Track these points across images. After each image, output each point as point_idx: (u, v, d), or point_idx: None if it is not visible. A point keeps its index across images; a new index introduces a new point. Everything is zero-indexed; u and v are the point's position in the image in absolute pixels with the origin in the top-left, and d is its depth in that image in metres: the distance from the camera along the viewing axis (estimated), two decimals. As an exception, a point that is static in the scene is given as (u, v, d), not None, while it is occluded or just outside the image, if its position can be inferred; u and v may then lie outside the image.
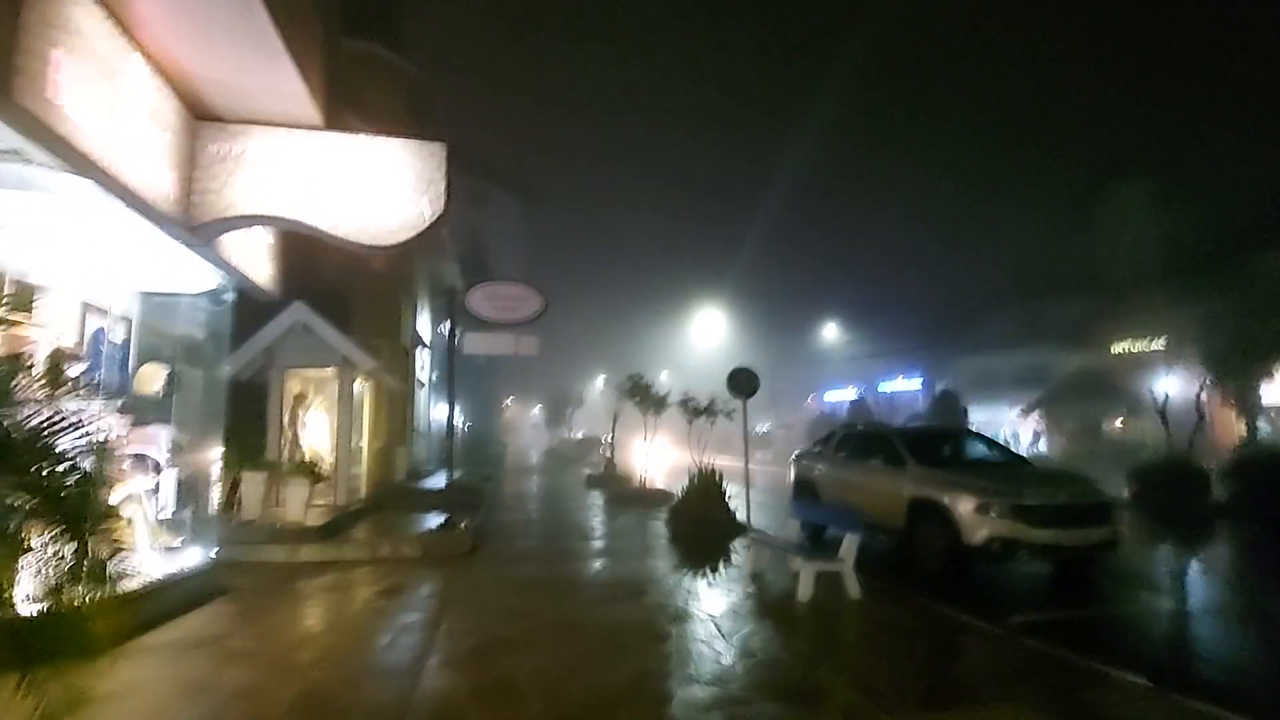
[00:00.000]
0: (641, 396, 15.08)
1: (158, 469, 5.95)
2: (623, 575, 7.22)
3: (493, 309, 8.95)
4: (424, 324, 18.89)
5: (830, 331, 41.30)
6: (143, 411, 6.25)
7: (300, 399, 10.44)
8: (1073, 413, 28.31)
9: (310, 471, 8.23)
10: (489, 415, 35.08)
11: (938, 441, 8.54)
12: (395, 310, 13.70)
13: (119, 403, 6.13)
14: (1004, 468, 7.85)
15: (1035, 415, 29.44)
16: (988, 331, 34.87)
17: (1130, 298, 29.63)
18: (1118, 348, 29.55)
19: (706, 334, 37.56)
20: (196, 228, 5.13)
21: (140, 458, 5.84)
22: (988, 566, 7.19)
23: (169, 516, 6.62)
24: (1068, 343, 31.33)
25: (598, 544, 9.28)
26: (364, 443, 11.56)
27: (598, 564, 7.92)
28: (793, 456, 10.69)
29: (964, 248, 37.82)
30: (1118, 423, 28.34)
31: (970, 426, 23.33)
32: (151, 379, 6.02)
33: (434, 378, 20.33)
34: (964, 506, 6.68)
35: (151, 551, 5.66)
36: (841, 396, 39.56)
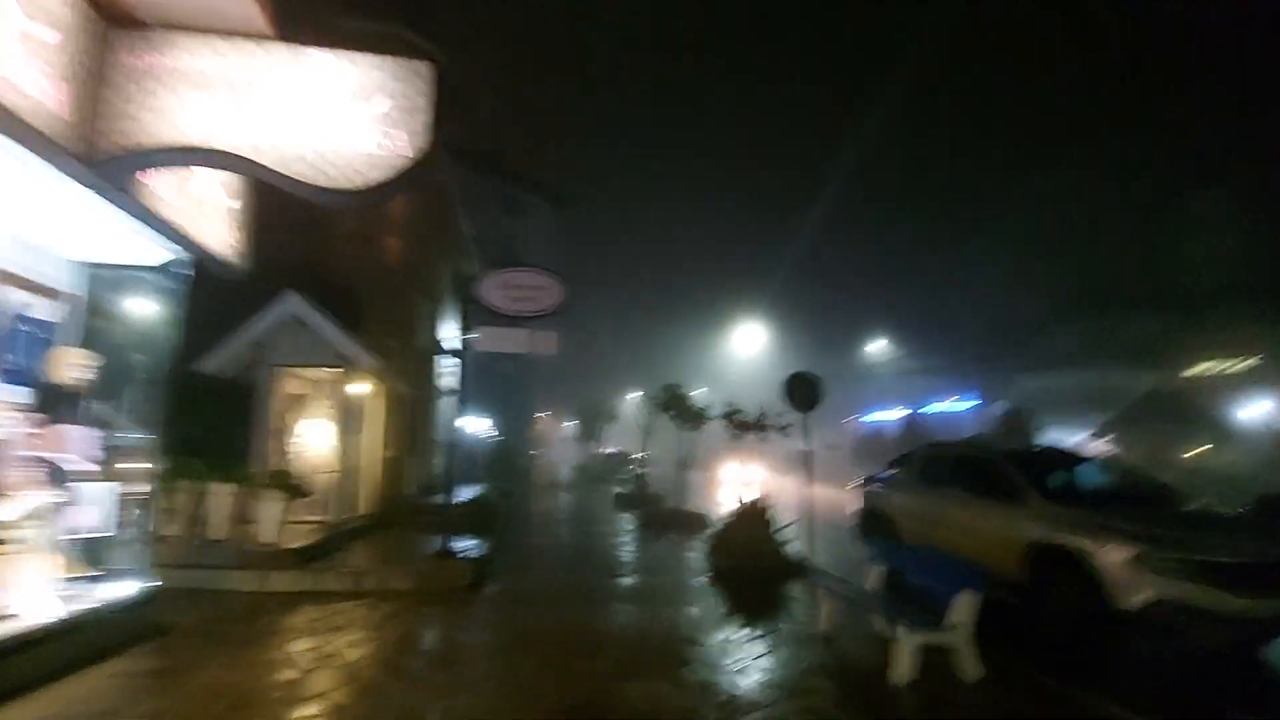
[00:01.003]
0: (678, 409, 13.51)
1: (67, 478, 4.65)
2: (655, 632, 5.62)
3: (506, 299, 7.56)
4: (449, 330, 17.74)
5: (875, 347, 39.03)
6: (64, 406, 4.99)
7: (296, 402, 9.21)
8: (1151, 438, 25.56)
9: (287, 485, 6.91)
10: (520, 427, 33.88)
11: (1062, 468, 6.72)
12: (411, 310, 12.49)
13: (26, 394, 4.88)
14: (1157, 506, 6.00)
15: (1106, 440, 26.72)
16: (1047, 349, 32.26)
17: (1212, 314, 26.92)
18: (1198, 368, 26.78)
19: (745, 348, 35.74)
20: (104, 163, 3.85)
21: (46, 464, 4.54)
22: (1142, 640, 5.38)
23: (106, 536, 5.33)
24: (1139, 362, 28.61)
25: (625, 581, 7.70)
26: (370, 453, 10.25)
27: (624, 612, 6.34)
28: (857, 481, 8.96)
29: (1022, 259, 35.29)
30: (1199, 450, 25.49)
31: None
32: (65, 364, 4.76)
33: (457, 384, 19.13)
34: (1114, 558, 4.91)
35: (51, 584, 4.34)
36: (886, 416, 37.22)
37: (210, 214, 5.13)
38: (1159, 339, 27.96)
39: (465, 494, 13.91)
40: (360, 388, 10.21)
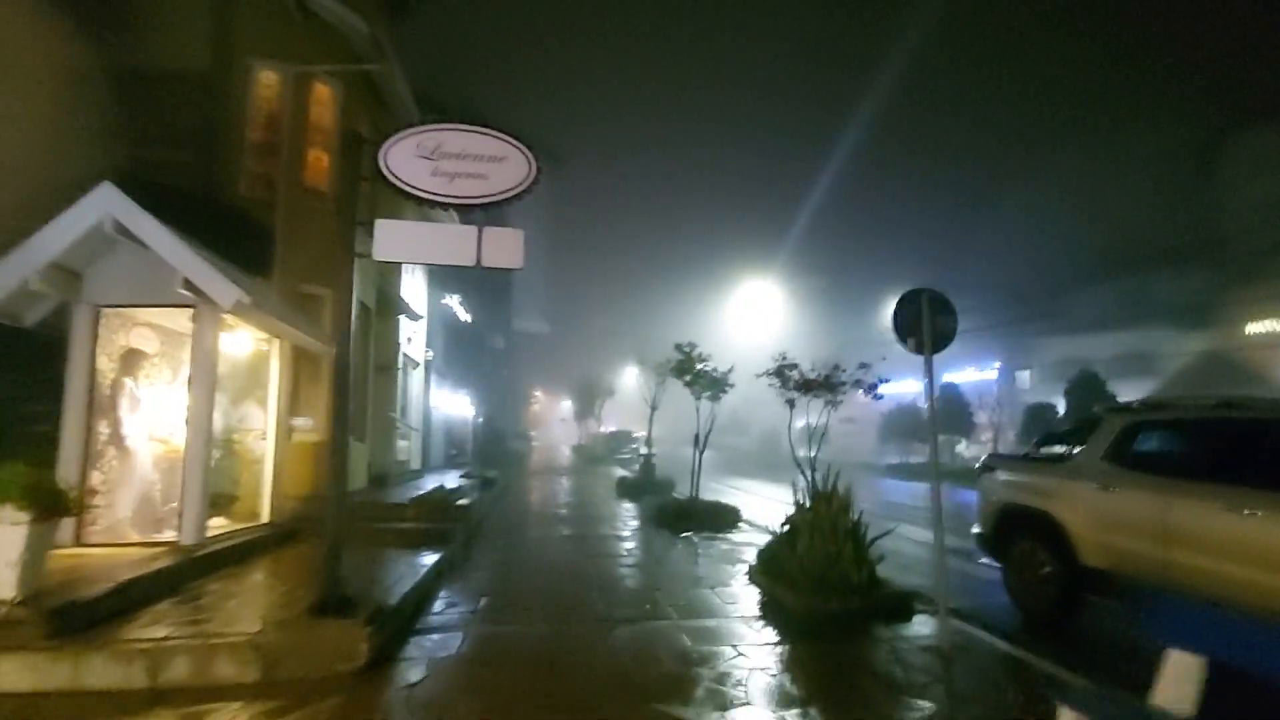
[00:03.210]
0: (694, 375, 10.40)
1: None
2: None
3: (434, 175, 4.40)
4: (417, 289, 14.55)
5: (888, 315, 35.59)
6: None
7: (134, 360, 6.05)
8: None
9: (34, 494, 3.78)
10: (511, 407, 30.79)
11: None
12: (346, 252, 9.23)
13: None
14: None
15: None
16: (1078, 311, 29.16)
17: (1266, 269, 23.83)
18: (1254, 328, 23.75)
19: (754, 319, 32.34)
20: None
21: None
22: None
23: None
24: (1185, 323, 25.58)
25: (637, 634, 4.61)
26: (279, 438, 7.13)
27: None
28: (980, 461, 5.89)
29: (1050, 215, 32.05)
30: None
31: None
32: None
33: (431, 356, 15.96)
34: None
35: None
36: (901, 387, 34.11)
37: None
38: (1208, 297, 24.87)
39: (432, 485, 10.85)
40: (253, 344, 7.07)
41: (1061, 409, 19.55)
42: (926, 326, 4.49)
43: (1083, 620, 4.87)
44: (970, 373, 32.29)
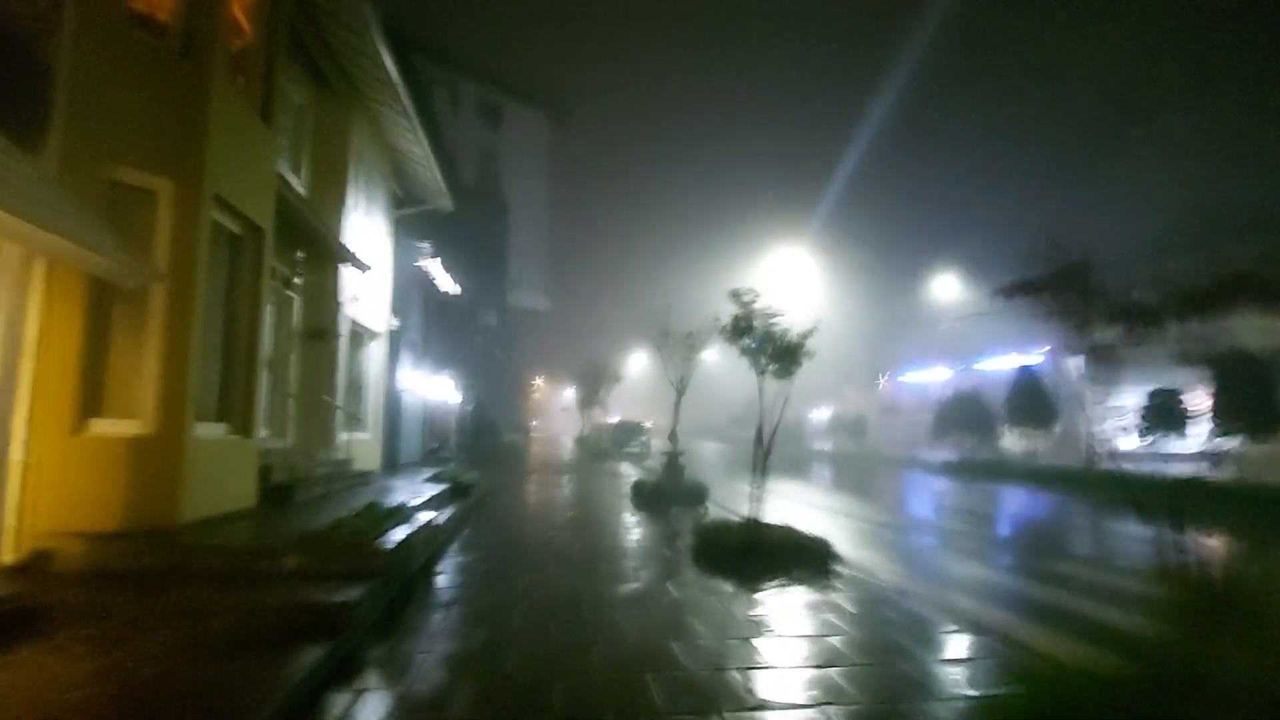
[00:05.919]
0: (759, 339, 6.87)
1: None
2: None
3: None
4: (374, 232, 10.98)
5: (940, 285, 31.35)
6: None
7: None
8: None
9: None
10: (508, 394, 27.23)
11: None
12: (200, 115, 5.58)
13: None
14: None
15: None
16: (1138, 286, 25.49)
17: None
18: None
19: (787, 291, 28.47)
20: None
21: None
22: None
23: None
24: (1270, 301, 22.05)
25: None
26: (40, 427, 3.62)
27: None
28: None
29: (1114, 182, 28.26)
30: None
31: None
32: None
33: (397, 325, 12.38)
34: None
35: None
36: (935, 373, 30.52)
37: None
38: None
39: (368, 500, 7.23)
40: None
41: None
42: None
43: None
44: (1014, 358, 28.72)
